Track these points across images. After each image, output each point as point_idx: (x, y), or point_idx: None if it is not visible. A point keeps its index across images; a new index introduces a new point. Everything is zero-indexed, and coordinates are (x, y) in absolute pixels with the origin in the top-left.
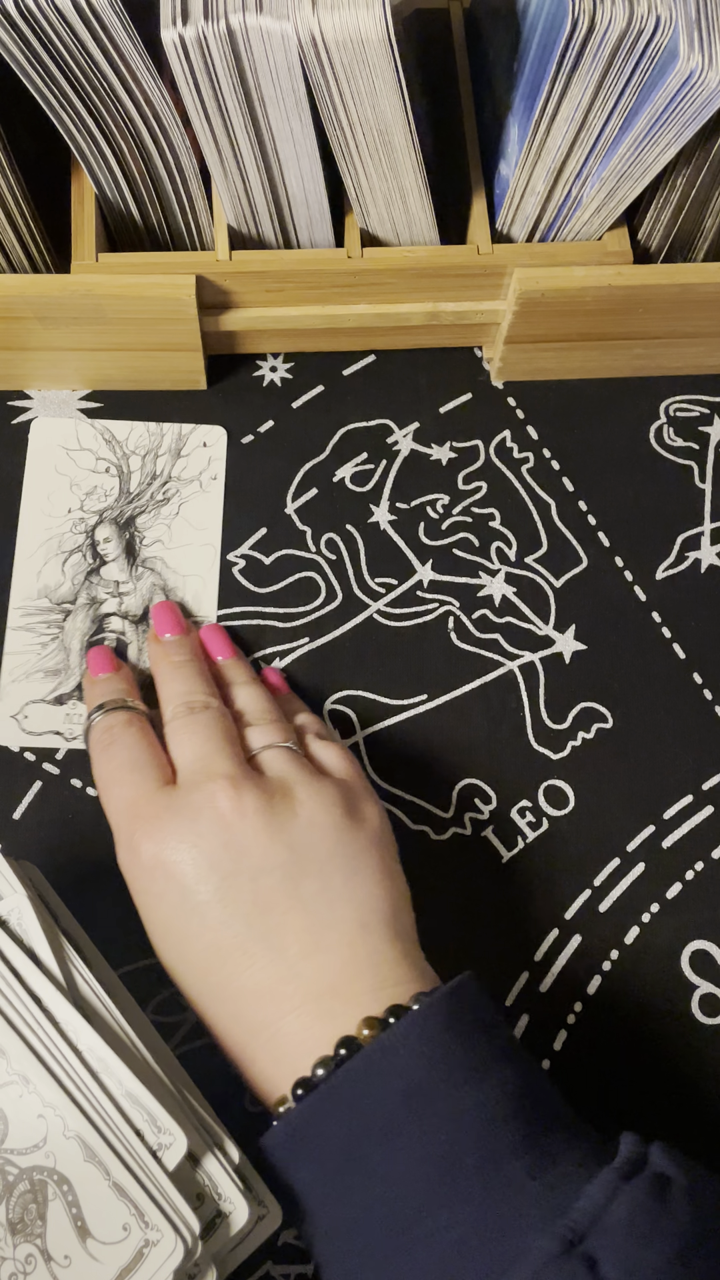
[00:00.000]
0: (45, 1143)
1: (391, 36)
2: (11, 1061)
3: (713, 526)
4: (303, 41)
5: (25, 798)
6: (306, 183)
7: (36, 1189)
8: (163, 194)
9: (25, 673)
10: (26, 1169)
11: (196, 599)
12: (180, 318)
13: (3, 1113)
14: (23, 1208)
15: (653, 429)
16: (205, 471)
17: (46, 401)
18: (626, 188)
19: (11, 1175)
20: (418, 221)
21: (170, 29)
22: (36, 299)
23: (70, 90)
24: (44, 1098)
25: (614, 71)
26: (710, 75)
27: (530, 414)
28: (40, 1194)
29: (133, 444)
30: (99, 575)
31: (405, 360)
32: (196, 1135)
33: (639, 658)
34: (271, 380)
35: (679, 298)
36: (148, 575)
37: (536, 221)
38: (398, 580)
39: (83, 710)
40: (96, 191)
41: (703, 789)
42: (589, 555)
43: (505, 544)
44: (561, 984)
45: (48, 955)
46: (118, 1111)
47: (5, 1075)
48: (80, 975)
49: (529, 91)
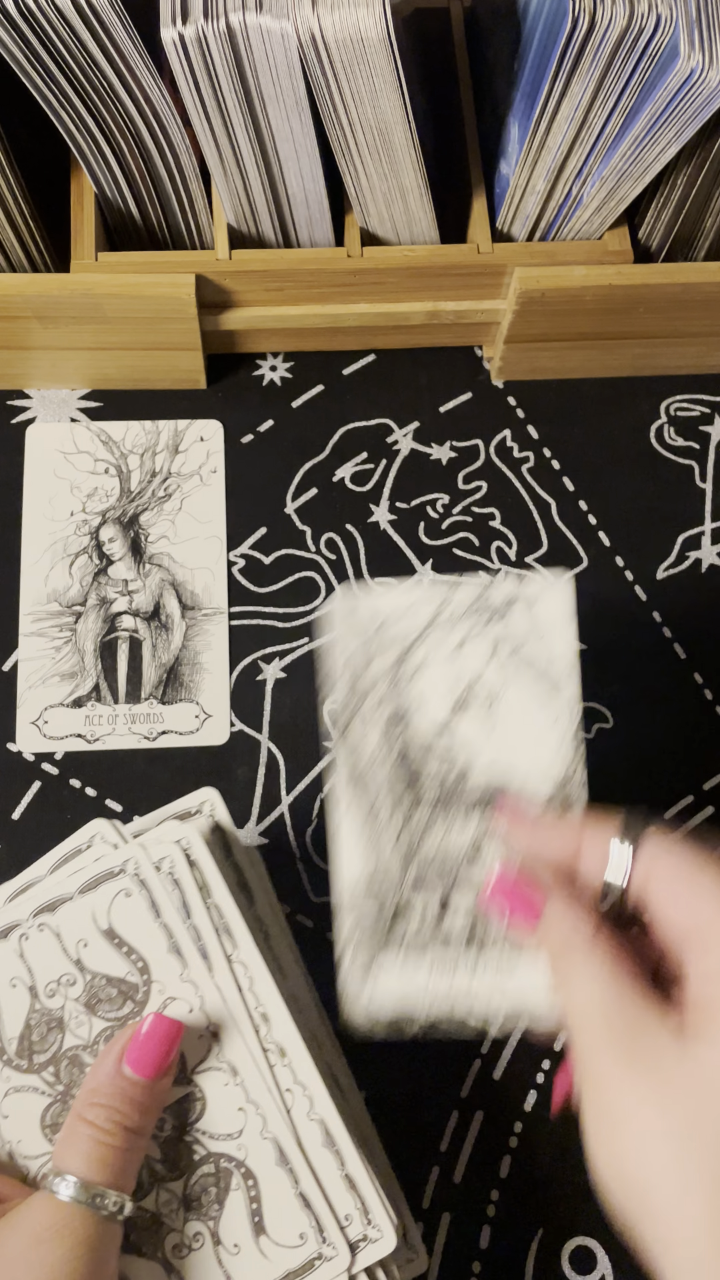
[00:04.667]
0: (240, 1135)
1: (391, 36)
2: (225, 1050)
3: (713, 526)
4: (303, 40)
5: (25, 798)
6: (306, 182)
7: (221, 1175)
8: (163, 194)
9: (41, 678)
10: (215, 1153)
11: (206, 591)
12: (180, 317)
13: (205, 1094)
14: (203, 1188)
15: (653, 429)
16: (204, 465)
17: (46, 401)
18: (627, 187)
19: (198, 1154)
20: (418, 221)
21: (170, 28)
22: (36, 298)
23: (70, 90)
24: (249, 1094)
25: (614, 71)
26: (710, 74)
27: (530, 413)
28: (224, 1180)
29: (130, 443)
30: (107, 575)
31: (405, 360)
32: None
33: (639, 658)
34: (271, 380)
35: (679, 297)
36: (155, 571)
37: (537, 221)
38: (398, 580)
39: (101, 712)
40: (96, 191)
41: (703, 789)
42: (589, 555)
43: (505, 543)
44: None
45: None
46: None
47: (215, 1060)
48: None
49: (529, 91)
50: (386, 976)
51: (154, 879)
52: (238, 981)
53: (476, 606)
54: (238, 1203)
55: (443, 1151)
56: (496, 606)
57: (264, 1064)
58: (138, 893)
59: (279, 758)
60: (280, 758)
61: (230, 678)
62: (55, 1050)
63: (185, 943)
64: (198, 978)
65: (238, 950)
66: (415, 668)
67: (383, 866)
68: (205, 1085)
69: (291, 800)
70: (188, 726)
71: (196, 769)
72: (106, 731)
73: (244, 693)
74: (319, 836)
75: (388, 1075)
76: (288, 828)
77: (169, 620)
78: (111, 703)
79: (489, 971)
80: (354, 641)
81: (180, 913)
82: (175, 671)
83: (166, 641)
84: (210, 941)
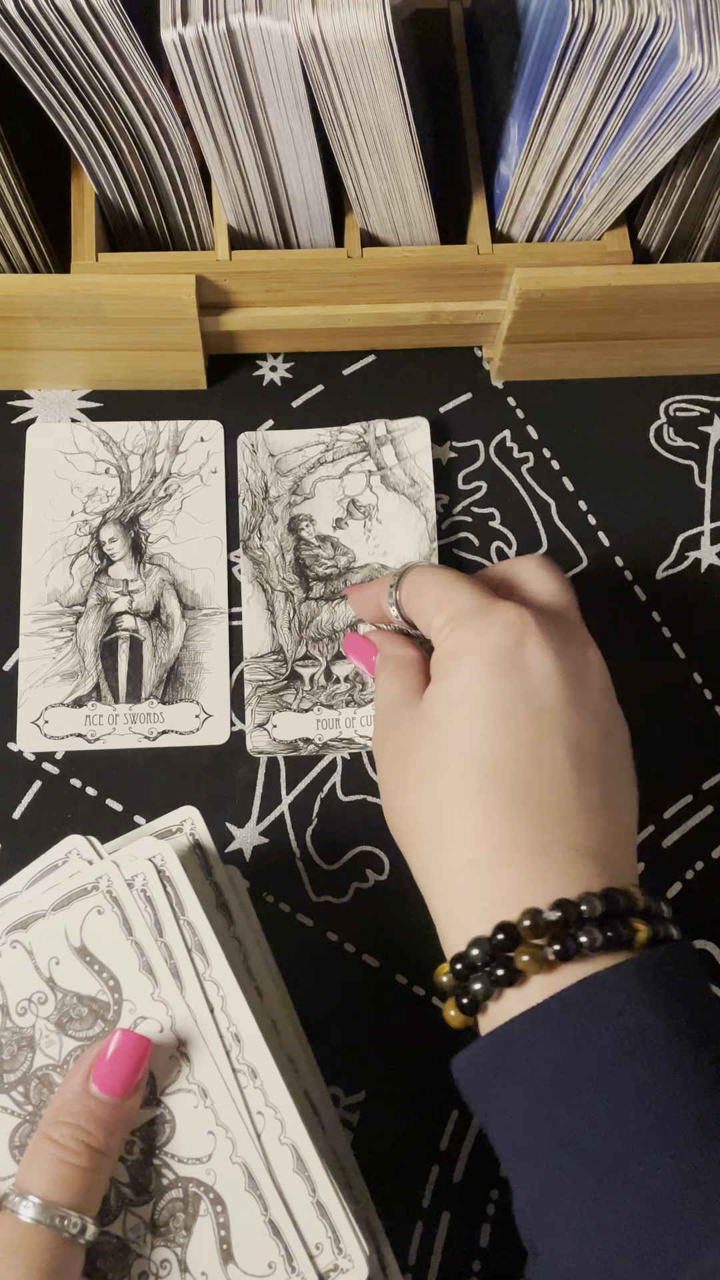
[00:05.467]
0: (209, 1160)
1: (391, 36)
2: (195, 1071)
3: (713, 526)
4: (303, 41)
5: (25, 797)
6: (306, 183)
7: (190, 1200)
8: (163, 194)
9: (42, 678)
10: (184, 1178)
11: (207, 591)
12: (180, 317)
13: (174, 1116)
14: (170, 1213)
15: (653, 429)
16: (205, 466)
17: (47, 401)
18: (626, 188)
19: (167, 1179)
20: (418, 221)
21: (170, 29)
22: (36, 299)
23: (70, 90)
24: (219, 1116)
25: (614, 71)
26: (710, 75)
27: (530, 414)
28: (192, 1206)
29: (130, 443)
30: (107, 575)
31: (405, 360)
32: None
33: (639, 658)
34: (271, 380)
35: (679, 298)
36: (156, 571)
37: (536, 221)
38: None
39: (102, 711)
40: (96, 191)
41: (703, 789)
42: (589, 555)
43: (505, 544)
44: None
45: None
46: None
47: (184, 1082)
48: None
49: (529, 91)
50: (284, 721)
51: (126, 896)
52: (209, 1001)
53: (356, 445)
54: (206, 1229)
55: (443, 1151)
56: (370, 445)
57: (234, 1086)
58: (110, 910)
59: (279, 757)
60: (280, 757)
61: (230, 678)
62: (25, 1070)
63: (157, 961)
64: (169, 997)
65: (210, 969)
66: (306, 493)
67: (278, 645)
68: (175, 1107)
69: (291, 800)
70: (188, 726)
71: (197, 769)
72: (107, 731)
73: (244, 693)
74: (319, 836)
75: (387, 1074)
76: (288, 828)
77: (169, 620)
78: (112, 702)
79: (361, 722)
80: (255, 473)
81: (152, 930)
82: (176, 671)
83: (167, 641)
84: (182, 960)
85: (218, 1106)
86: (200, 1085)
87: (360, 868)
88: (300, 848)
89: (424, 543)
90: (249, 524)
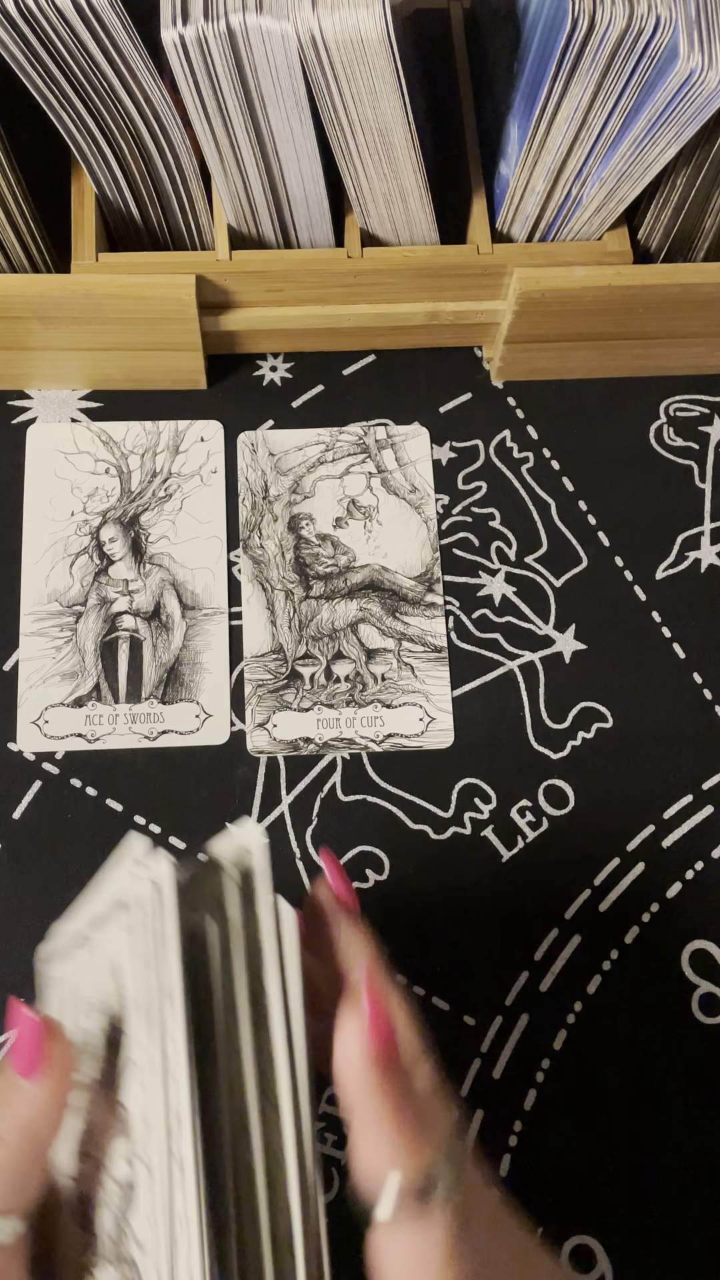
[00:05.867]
0: (145, 1249)
1: (391, 36)
2: (140, 1145)
3: (713, 526)
4: (303, 41)
5: (26, 797)
6: (306, 183)
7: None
8: (163, 194)
9: (42, 677)
10: (131, 1259)
11: (207, 591)
12: (180, 317)
13: (136, 1187)
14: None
15: (653, 429)
16: (205, 466)
17: (47, 401)
18: (626, 188)
19: (126, 1251)
20: (418, 221)
21: (170, 29)
22: (36, 299)
23: (70, 90)
24: (155, 1207)
25: (614, 71)
26: (710, 75)
27: (530, 414)
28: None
29: (130, 443)
30: (107, 575)
31: (405, 360)
32: None
33: (639, 658)
34: (271, 380)
35: (679, 298)
36: (156, 571)
37: (536, 221)
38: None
39: (102, 711)
40: (96, 191)
41: (703, 789)
42: (589, 555)
43: (505, 544)
44: (562, 983)
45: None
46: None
47: (141, 1151)
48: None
49: (529, 91)
50: (284, 721)
51: (140, 920)
52: (167, 1063)
53: (356, 446)
54: None
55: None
56: (370, 447)
57: (165, 1179)
58: (138, 929)
59: (279, 757)
60: (280, 757)
61: (230, 677)
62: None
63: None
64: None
65: (168, 1029)
66: (306, 492)
67: (278, 643)
68: (137, 1178)
69: (291, 800)
70: (188, 726)
71: (197, 769)
72: (107, 731)
73: (244, 692)
74: (319, 837)
75: None
76: (288, 827)
77: (169, 620)
78: (112, 702)
79: (361, 723)
80: (254, 472)
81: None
82: (175, 671)
83: (167, 641)
84: (153, 1005)
85: (156, 1194)
86: (146, 1163)
87: (360, 868)
88: (300, 848)
89: (425, 551)
90: (249, 523)
